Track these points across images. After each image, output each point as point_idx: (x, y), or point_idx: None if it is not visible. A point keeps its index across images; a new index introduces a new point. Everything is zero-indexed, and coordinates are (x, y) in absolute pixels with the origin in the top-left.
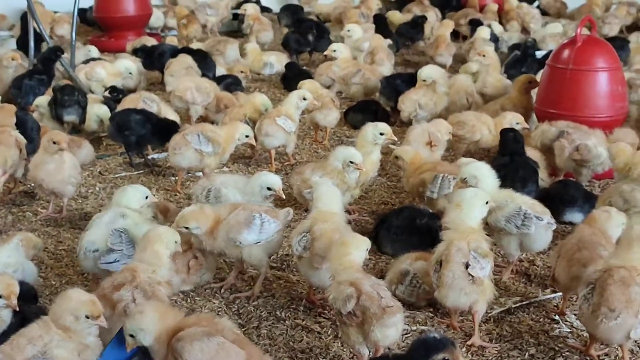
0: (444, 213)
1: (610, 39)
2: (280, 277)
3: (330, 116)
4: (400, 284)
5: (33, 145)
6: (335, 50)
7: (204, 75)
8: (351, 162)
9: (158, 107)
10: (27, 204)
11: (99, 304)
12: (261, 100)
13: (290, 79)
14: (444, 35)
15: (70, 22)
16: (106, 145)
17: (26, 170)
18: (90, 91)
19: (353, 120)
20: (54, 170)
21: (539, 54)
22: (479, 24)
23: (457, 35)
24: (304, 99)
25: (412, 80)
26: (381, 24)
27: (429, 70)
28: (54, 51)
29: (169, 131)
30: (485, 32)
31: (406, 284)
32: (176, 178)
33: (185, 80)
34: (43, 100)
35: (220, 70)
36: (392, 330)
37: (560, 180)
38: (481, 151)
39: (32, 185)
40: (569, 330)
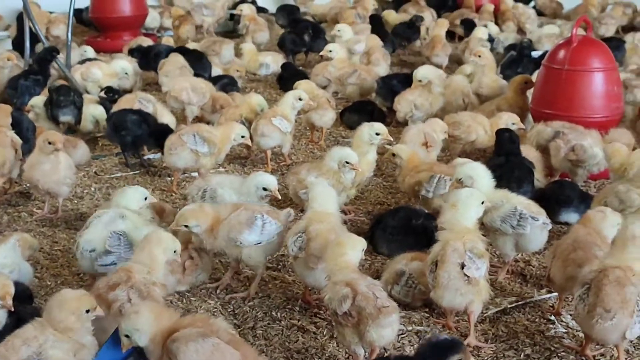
0: (439, 213)
1: (606, 39)
2: (276, 278)
3: (326, 116)
4: (396, 284)
5: (29, 145)
6: (331, 51)
7: (200, 75)
8: (347, 163)
9: (154, 108)
10: (23, 205)
11: (90, 295)
12: (257, 100)
13: (286, 79)
14: (439, 35)
15: (66, 23)
16: (102, 145)
17: (21, 171)
18: (86, 91)
19: (349, 120)
20: (50, 170)
21: (534, 54)
22: (472, 24)
23: (453, 35)
24: (300, 99)
25: (408, 81)
26: (377, 25)
27: (425, 70)
28: (50, 51)
29: (165, 135)
30: (482, 33)
31: (402, 284)
32: (172, 178)
33: (181, 80)
34: (39, 100)
35: (216, 71)
36: (388, 330)
37: (555, 181)
38: (477, 151)
39: (28, 185)
40: (564, 330)
